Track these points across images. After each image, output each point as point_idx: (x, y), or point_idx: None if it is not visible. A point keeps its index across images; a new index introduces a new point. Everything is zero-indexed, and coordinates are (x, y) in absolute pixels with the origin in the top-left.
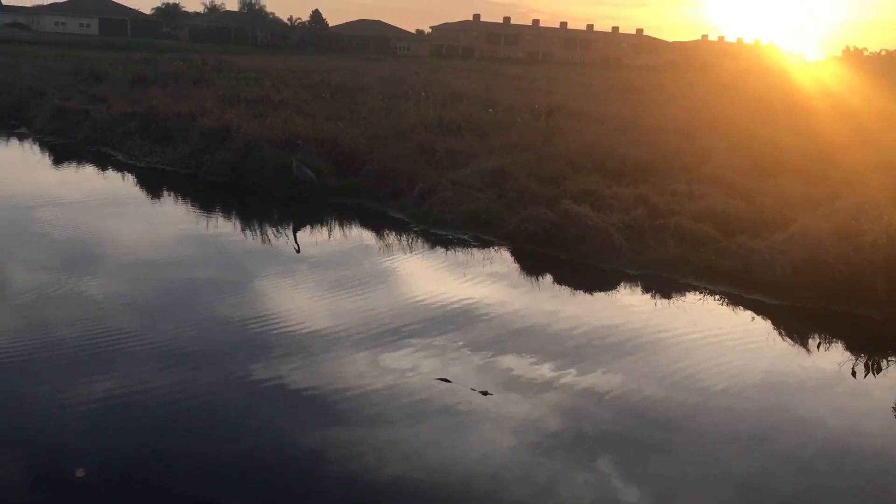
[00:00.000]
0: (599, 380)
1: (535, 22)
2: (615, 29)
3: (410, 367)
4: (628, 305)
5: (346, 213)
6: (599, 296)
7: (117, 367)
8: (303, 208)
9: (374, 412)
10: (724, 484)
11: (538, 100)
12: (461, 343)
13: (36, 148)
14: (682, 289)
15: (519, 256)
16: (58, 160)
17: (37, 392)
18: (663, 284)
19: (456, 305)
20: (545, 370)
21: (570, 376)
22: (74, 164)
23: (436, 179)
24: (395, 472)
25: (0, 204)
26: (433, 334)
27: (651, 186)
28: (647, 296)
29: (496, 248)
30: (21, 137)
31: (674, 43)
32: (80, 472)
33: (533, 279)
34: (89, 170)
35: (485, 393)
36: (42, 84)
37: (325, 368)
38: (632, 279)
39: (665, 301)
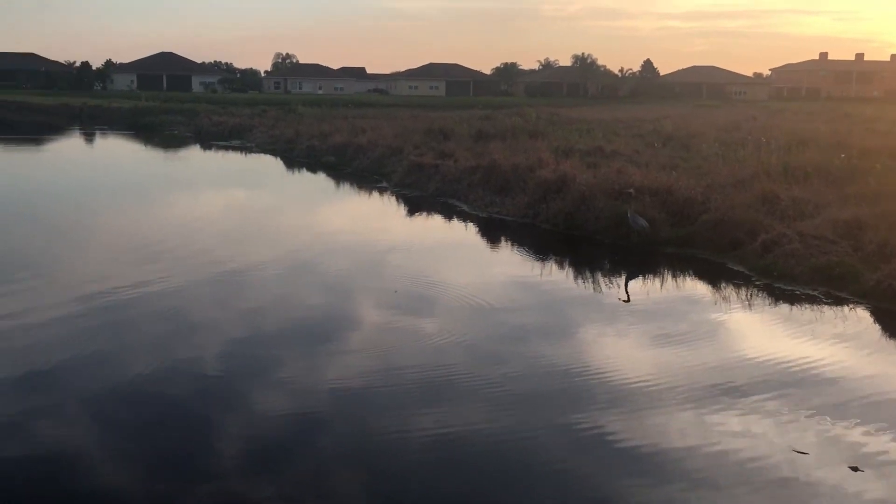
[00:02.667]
0: None
1: (895, 57)
2: None
3: (740, 431)
4: None
5: (681, 264)
6: None
7: (446, 405)
8: (636, 258)
9: (697, 473)
10: None
11: None
12: (803, 408)
13: (393, 199)
14: None
15: (879, 316)
16: (411, 210)
17: (379, 422)
18: None
19: (798, 366)
20: None
21: None
22: (425, 214)
23: (780, 230)
24: None
25: (357, 248)
26: (768, 396)
27: None
28: None
29: (851, 306)
30: (381, 190)
31: None
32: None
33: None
34: (437, 219)
35: (855, 469)
36: (399, 141)
37: (647, 423)
38: None
39: None
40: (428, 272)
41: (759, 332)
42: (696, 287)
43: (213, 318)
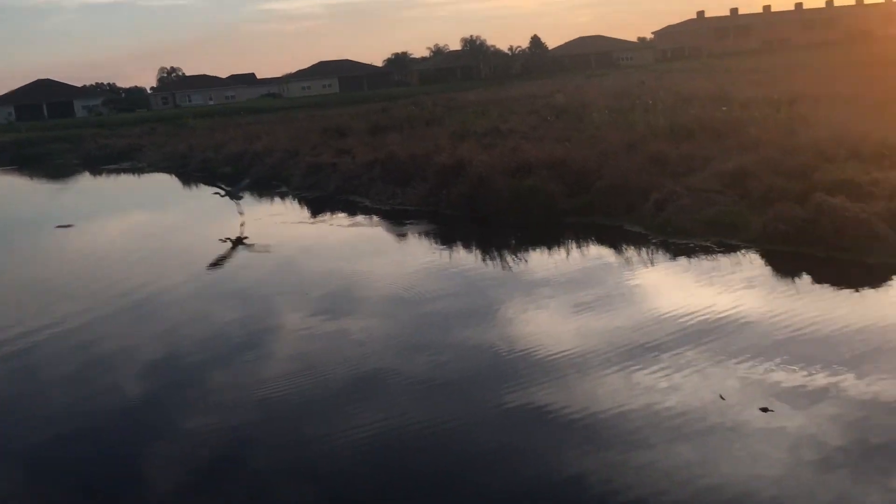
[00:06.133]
0: (887, 387)
1: (767, 8)
2: (859, 0)
3: (667, 386)
4: None
5: (582, 232)
6: (870, 294)
7: (377, 400)
8: (539, 232)
9: (631, 433)
10: None
11: (777, 90)
12: (721, 357)
13: (294, 203)
14: None
15: (771, 259)
16: (313, 212)
17: (312, 423)
18: None
19: (708, 316)
20: (820, 380)
21: (850, 385)
22: (327, 214)
23: (671, 188)
24: (659, 493)
25: (261, 257)
26: (688, 349)
27: None
28: None
29: (744, 252)
30: (282, 195)
31: None
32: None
33: (790, 281)
34: (339, 217)
35: (765, 410)
36: (296, 144)
37: (578, 390)
38: None
39: None
40: (336, 271)
41: (666, 288)
42: (600, 253)
43: (128, 347)
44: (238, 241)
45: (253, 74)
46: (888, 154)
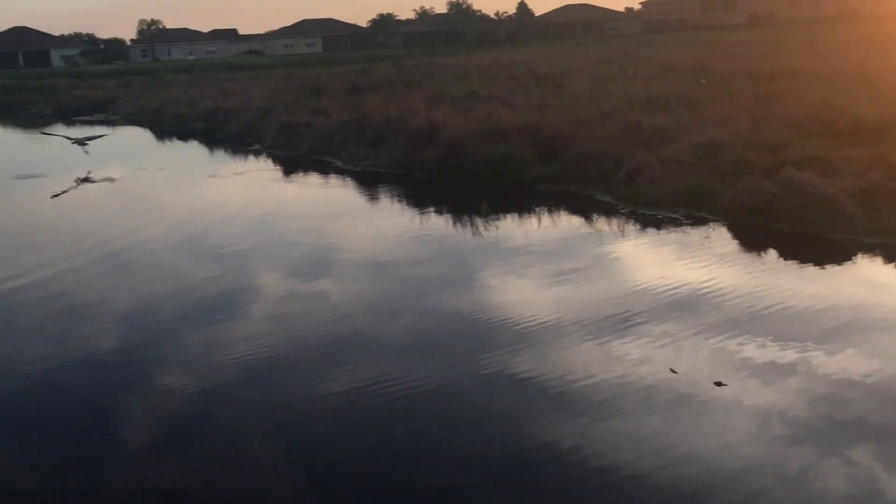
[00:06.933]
0: (852, 362)
1: None
2: None
3: (639, 357)
4: (870, 279)
5: (552, 200)
6: (834, 270)
7: (354, 364)
8: (510, 198)
9: (604, 403)
10: None
11: (757, 65)
12: (690, 330)
13: (268, 161)
14: None
15: (737, 232)
16: (284, 172)
17: (288, 388)
18: None
19: (674, 289)
20: (787, 355)
21: (816, 360)
22: (297, 174)
23: (643, 158)
24: (628, 462)
25: (228, 218)
26: (658, 321)
27: (892, 146)
28: (892, 267)
29: (711, 225)
30: (255, 153)
31: None
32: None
33: (756, 256)
34: (310, 178)
35: (719, 384)
36: (272, 102)
37: (551, 359)
38: (869, 249)
39: None
40: (304, 233)
41: (633, 260)
42: (570, 222)
43: (103, 301)
44: (84, 180)
45: (235, 30)
46: (862, 131)
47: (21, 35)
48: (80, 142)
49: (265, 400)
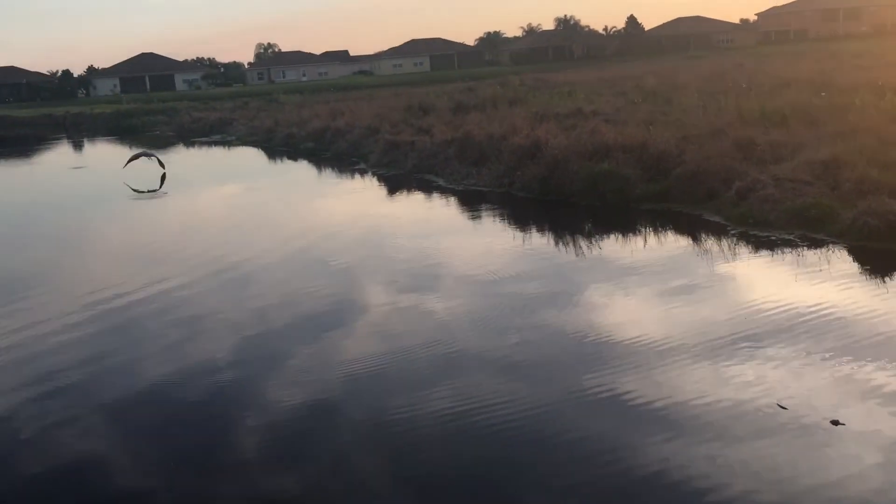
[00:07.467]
0: None
1: None
2: None
3: (752, 381)
4: None
5: (658, 220)
6: None
7: (459, 380)
8: (614, 218)
9: (716, 427)
10: None
11: (883, 76)
12: (806, 355)
13: (370, 181)
14: None
15: (858, 255)
16: (388, 191)
17: (392, 404)
18: None
19: (791, 312)
20: None
21: None
22: (401, 193)
23: (755, 176)
24: (745, 491)
25: (334, 235)
26: (772, 345)
27: None
28: None
29: (830, 247)
30: (360, 172)
31: None
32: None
33: (880, 280)
34: (413, 197)
35: (835, 423)
36: (378, 122)
37: (660, 381)
38: None
39: None
40: (407, 250)
41: (744, 282)
42: (676, 242)
43: (220, 313)
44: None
45: (346, 52)
46: None
47: (148, 61)
48: (146, 154)
49: (369, 415)
